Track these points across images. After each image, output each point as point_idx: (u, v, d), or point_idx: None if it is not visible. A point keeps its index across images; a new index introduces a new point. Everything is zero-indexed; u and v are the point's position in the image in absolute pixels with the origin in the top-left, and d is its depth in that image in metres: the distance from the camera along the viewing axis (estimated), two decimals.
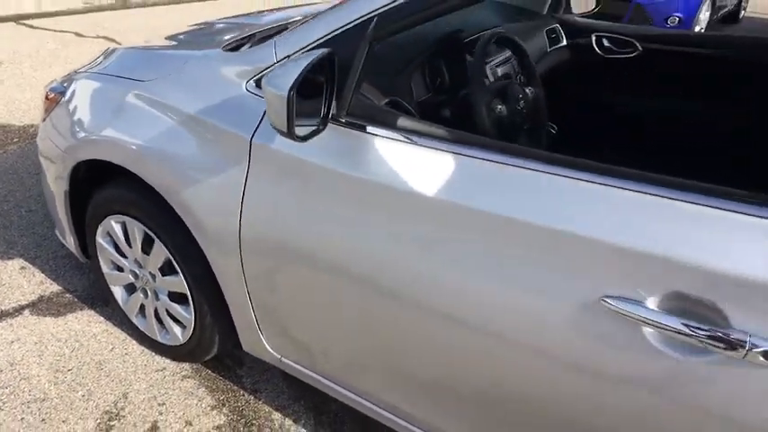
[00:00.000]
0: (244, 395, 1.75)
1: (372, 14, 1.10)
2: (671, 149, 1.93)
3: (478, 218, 1.02)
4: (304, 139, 1.06)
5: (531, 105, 1.56)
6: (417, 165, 1.08)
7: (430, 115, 1.47)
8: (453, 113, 1.49)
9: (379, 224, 1.13)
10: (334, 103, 1.14)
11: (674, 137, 1.98)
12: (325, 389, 1.47)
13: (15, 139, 3.35)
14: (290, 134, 1.01)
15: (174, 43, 1.84)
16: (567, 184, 0.95)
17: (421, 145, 1.10)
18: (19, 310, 2.02)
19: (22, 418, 1.62)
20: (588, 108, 2.09)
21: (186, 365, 1.84)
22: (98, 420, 1.63)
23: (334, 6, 1.21)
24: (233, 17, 2.28)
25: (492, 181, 1.02)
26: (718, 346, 0.83)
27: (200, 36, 1.94)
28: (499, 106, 1.46)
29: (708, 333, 0.84)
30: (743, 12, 8.48)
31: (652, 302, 0.88)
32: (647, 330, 0.89)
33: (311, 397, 1.75)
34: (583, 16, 2.32)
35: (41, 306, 2.05)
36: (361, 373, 1.36)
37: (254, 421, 1.66)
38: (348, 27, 1.15)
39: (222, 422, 1.65)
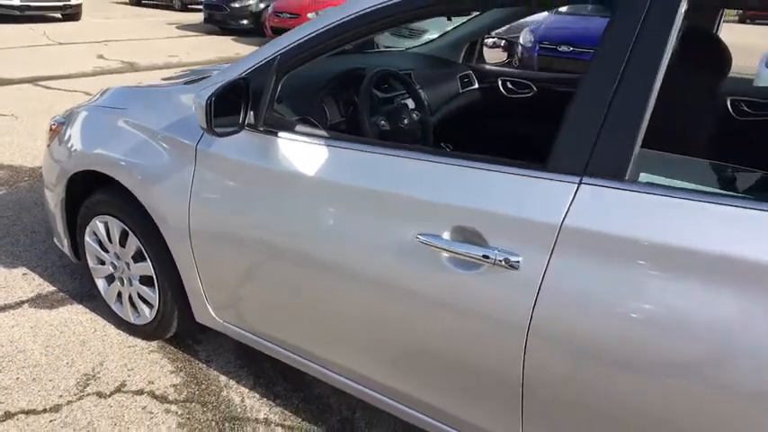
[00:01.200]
0: (198, 364, 2.13)
1: (276, 54, 1.58)
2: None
3: (345, 190, 1.45)
4: (221, 135, 1.52)
5: (417, 125, 2.02)
6: (310, 156, 1.53)
7: (338, 131, 1.92)
8: (351, 127, 1.95)
9: (285, 201, 1.56)
10: (251, 114, 1.60)
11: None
12: (258, 345, 1.86)
13: (26, 178, 3.84)
14: (209, 130, 1.47)
15: (162, 82, 2.33)
16: (394, 161, 1.39)
17: (313, 143, 1.54)
18: (20, 304, 2.43)
19: (17, 378, 2.01)
20: (489, 134, 2.55)
21: (154, 343, 2.23)
22: (78, 380, 2.01)
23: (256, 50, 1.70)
24: (215, 66, 2.80)
25: (352, 163, 1.46)
26: (481, 261, 1.24)
27: (185, 77, 2.43)
28: (383, 122, 1.92)
29: (475, 252, 1.25)
30: None
31: (446, 235, 1.30)
32: (444, 255, 1.31)
33: (253, 366, 2.13)
34: (494, 65, 2.83)
35: (38, 301, 2.46)
36: (282, 328, 1.75)
37: (203, 381, 2.04)
38: (262, 63, 1.62)
39: (178, 382, 2.03)
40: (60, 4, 12.09)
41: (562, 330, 1.18)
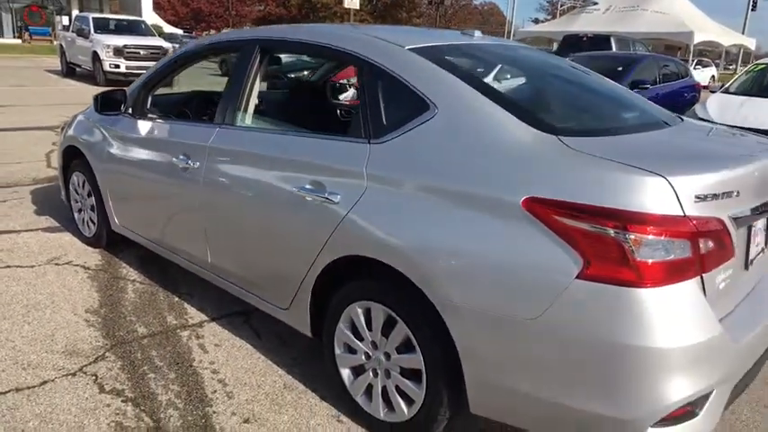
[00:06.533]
0: (115, 258, 3.72)
1: (144, 80, 3.21)
2: None
3: (160, 140, 3.02)
4: (105, 114, 3.16)
5: None
6: (156, 128, 3.11)
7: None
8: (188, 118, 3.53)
9: (144, 152, 3.13)
10: (131, 108, 3.22)
11: None
12: (135, 237, 3.40)
13: None
14: (97, 111, 3.12)
15: None
16: (176, 126, 2.95)
17: (159, 123, 3.13)
18: (36, 231, 4.16)
19: (19, 256, 3.67)
20: None
21: (97, 250, 3.84)
22: (48, 258, 3.66)
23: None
24: None
25: (169, 129, 3.02)
26: (188, 166, 2.75)
27: None
28: (205, 117, 3.49)
29: (185, 163, 2.76)
30: None
31: (181, 156, 2.82)
32: (180, 166, 2.81)
33: (144, 263, 3.67)
34: None
35: (47, 230, 4.18)
36: (146, 226, 3.28)
37: (112, 263, 3.62)
38: (138, 84, 3.25)
39: (100, 263, 3.63)
40: None
41: (211, 199, 2.65)
